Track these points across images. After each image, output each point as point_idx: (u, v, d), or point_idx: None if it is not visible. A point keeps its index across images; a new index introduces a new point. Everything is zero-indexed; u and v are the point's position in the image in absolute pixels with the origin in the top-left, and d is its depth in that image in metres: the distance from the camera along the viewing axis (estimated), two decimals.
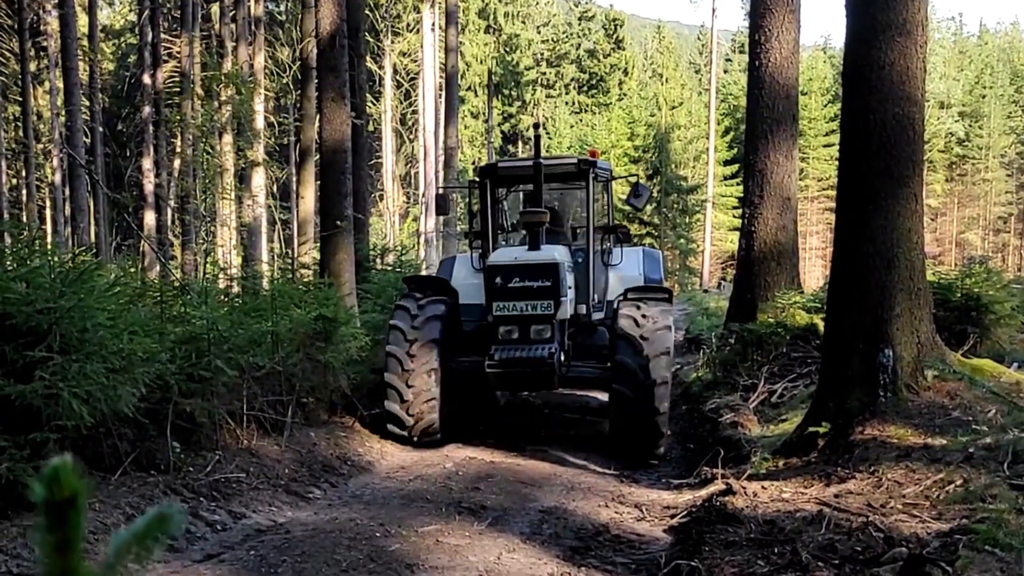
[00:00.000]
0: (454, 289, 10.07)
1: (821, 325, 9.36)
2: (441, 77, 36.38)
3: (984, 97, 70.85)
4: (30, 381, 5.39)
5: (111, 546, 0.45)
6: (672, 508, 6.81)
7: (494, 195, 10.78)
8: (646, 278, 10.61)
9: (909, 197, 7.15)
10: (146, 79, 29.86)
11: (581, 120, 65.57)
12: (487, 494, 7.13)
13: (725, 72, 71.68)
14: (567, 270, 9.36)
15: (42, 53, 33.77)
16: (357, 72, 15.94)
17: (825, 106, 61.46)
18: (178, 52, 31.28)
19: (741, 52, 69.50)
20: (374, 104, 41.44)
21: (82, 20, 33.15)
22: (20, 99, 31.56)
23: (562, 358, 9.12)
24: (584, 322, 10.17)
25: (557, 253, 9.25)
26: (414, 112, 42.39)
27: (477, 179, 10.98)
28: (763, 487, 6.34)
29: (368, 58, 32.63)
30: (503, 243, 11.18)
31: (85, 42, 31.99)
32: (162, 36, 30.47)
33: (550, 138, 59.88)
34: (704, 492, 6.75)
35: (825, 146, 61.24)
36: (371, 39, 37.85)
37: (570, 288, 9.48)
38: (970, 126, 70.72)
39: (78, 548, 0.42)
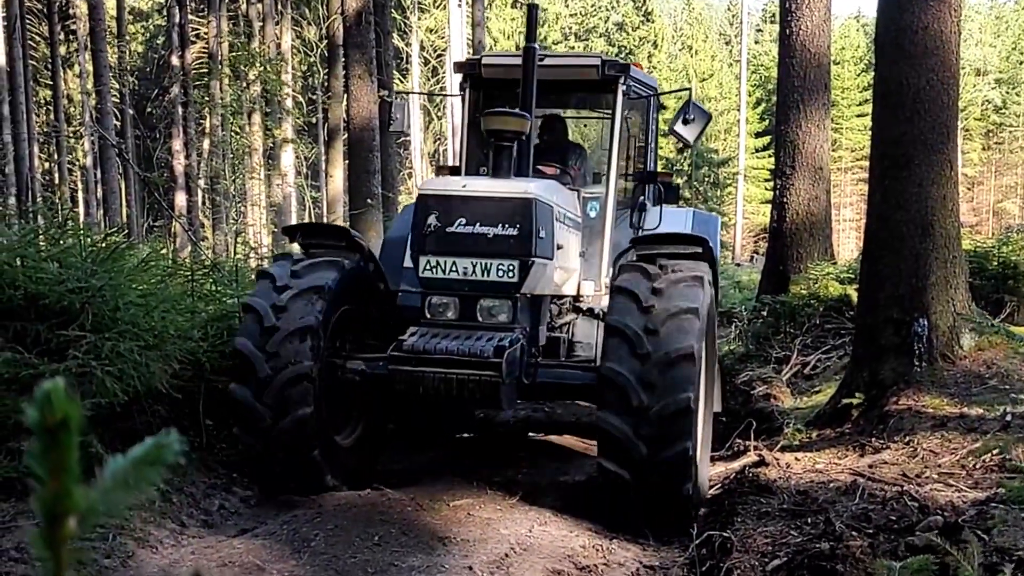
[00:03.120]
0: (363, 244, 6.56)
1: (855, 296, 9.25)
2: (469, 53, 36.28)
3: (1022, 63, 69.41)
4: (63, 360, 5.46)
5: (106, 471, 0.45)
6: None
7: (480, 110, 7.14)
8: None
9: (943, 164, 7.04)
10: (174, 60, 30.03)
11: None
12: None
13: (756, 43, 70.82)
14: (555, 219, 6.23)
15: (72, 36, 34.06)
16: (384, 49, 15.93)
17: (858, 75, 60.54)
18: (206, 33, 31.43)
19: (772, 22, 68.58)
20: (402, 81, 41.43)
21: (110, 3, 33.40)
22: (51, 83, 31.94)
23: (526, 357, 5.90)
24: (590, 308, 7.07)
25: (536, 187, 5.96)
26: (442, 89, 42.33)
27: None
28: (796, 458, 6.31)
29: (395, 35, 32.59)
30: None
31: (114, 24, 32.25)
32: (189, 17, 30.61)
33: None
34: (737, 464, 6.73)
35: (858, 116, 60.37)
36: (398, 16, 37.75)
37: (560, 249, 6.30)
38: (1007, 93, 69.30)
39: (73, 471, 0.41)
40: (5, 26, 25.15)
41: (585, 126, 10.14)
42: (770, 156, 44.73)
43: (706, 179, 52.74)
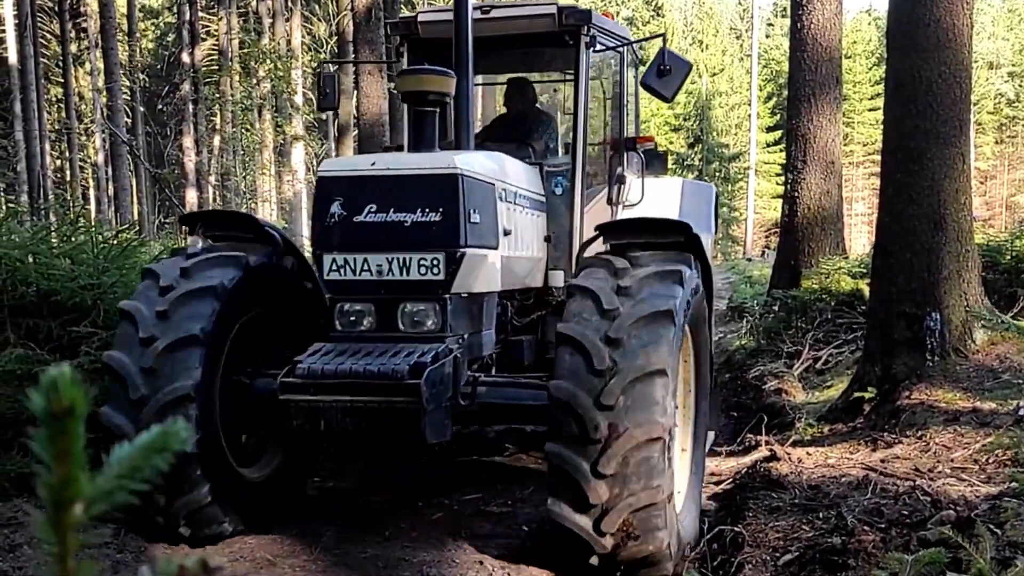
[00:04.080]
0: (275, 235, 5.35)
1: (867, 290, 9.21)
2: None
3: None
4: (75, 356, 5.49)
5: (113, 458, 0.45)
6: (716, 475, 6.78)
7: None
8: None
9: (956, 158, 6.99)
10: (184, 57, 30.14)
11: None
12: None
13: (767, 37, 70.58)
14: (499, 198, 5.23)
15: (82, 34, 34.17)
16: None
17: (870, 69, 60.25)
18: (216, 30, 31.50)
19: (783, 16, 68.34)
20: None
21: (120, 0, 33.47)
22: (62, 80, 32.05)
23: (461, 373, 4.82)
24: (561, 302, 5.68)
25: (464, 159, 4.93)
26: None
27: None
28: (808, 453, 6.29)
29: None
30: None
31: (124, 22, 32.34)
32: (200, 14, 30.70)
33: None
34: (748, 459, 6.71)
35: (870, 110, 60.08)
36: (407, 11, 37.76)
37: (508, 235, 5.32)
38: (1020, 86, 68.86)
39: (79, 458, 0.41)
40: (16, 24, 25.27)
41: (556, 90, 8.76)
42: (781, 151, 44.57)
43: (717, 174, 52.59)
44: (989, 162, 68.29)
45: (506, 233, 5.26)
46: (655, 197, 6.67)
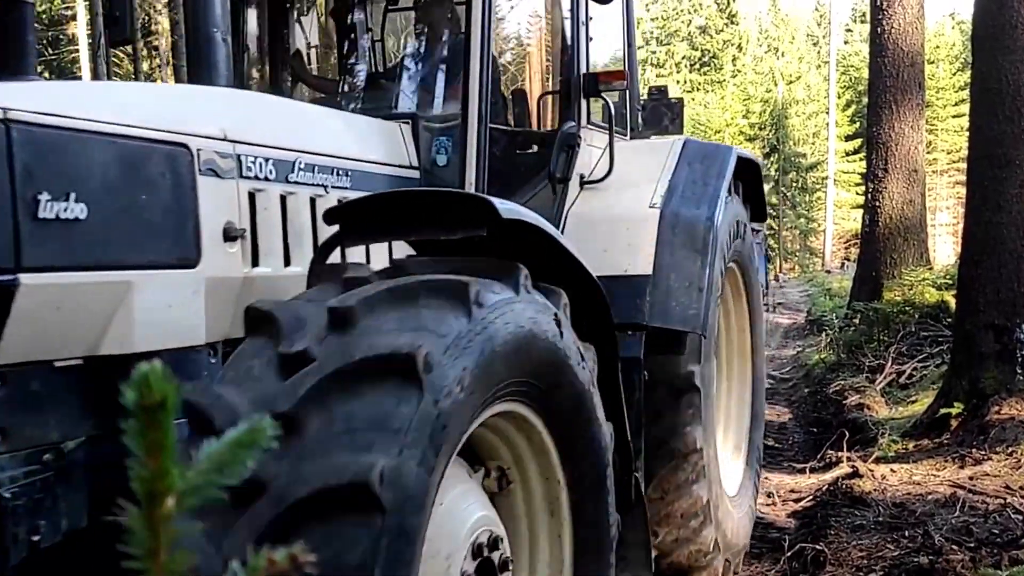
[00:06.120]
0: None
1: (952, 302, 8.96)
2: None
3: None
4: None
5: (202, 454, 0.45)
6: (796, 492, 6.66)
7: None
8: (673, 216, 4.23)
9: None
10: (254, 72, 30.79)
11: (693, 99, 64.52)
12: None
13: (845, 43, 69.26)
14: (175, 170, 2.68)
15: (154, 52, 35.22)
16: None
17: (954, 74, 58.66)
18: None
19: (862, 22, 66.99)
20: None
21: None
22: None
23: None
24: None
25: (23, 95, 2.37)
26: None
27: None
28: (892, 470, 6.15)
29: None
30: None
31: None
32: None
33: None
34: (829, 476, 6.58)
35: (954, 116, 58.43)
36: None
37: (232, 240, 2.86)
38: None
39: (171, 450, 0.42)
40: (90, 44, 26.12)
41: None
42: (861, 159, 43.67)
43: (794, 184, 51.71)
44: None
45: (230, 237, 2.84)
46: (632, 169, 4.46)
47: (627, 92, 5.00)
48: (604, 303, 3.17)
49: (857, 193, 48.05)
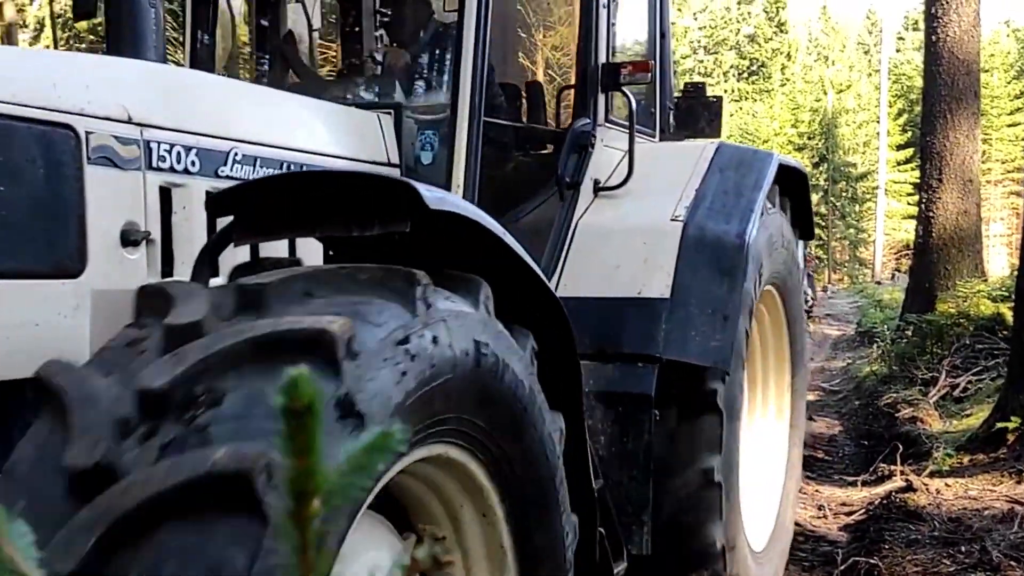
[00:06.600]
0: None
1: (1009, 315, 8.79)
2: None
3: None
4: None
5: (342, 456, 0.48)
6: (848, 505, 6.58)
7: None
8: (698, 231, 3.61)
9: None
10: None
11: (741, 108, 64.08)
12: None
13: (897, 51, 68.36)
14: (55, 157, 2.12)
15: None
16: None
17: (1009, 83, 57.59)
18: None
19: (914, 29, 66.06)
20: None
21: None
22: None
23: None
24: None
25: None
26: None
27: None
28: (947, 484, 6.06)
29: None
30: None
31: None
32: None
33: None
34: (882, 489, 6.49)
35: (1009, 126, 57.39)
36: None
37: (133, 244, 2.30)
38: None
39: (318, 452, 0.44)
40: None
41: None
42: (913, 169, 43.04)
43: (844, 194, 51.08)
44: None
45: (130, 242, 2.31)
46: (655, 175, 3.87)
47: (656, 87, 4.40)
48: (569, 336, 2.49)
49: (908, 203, 47.33)
